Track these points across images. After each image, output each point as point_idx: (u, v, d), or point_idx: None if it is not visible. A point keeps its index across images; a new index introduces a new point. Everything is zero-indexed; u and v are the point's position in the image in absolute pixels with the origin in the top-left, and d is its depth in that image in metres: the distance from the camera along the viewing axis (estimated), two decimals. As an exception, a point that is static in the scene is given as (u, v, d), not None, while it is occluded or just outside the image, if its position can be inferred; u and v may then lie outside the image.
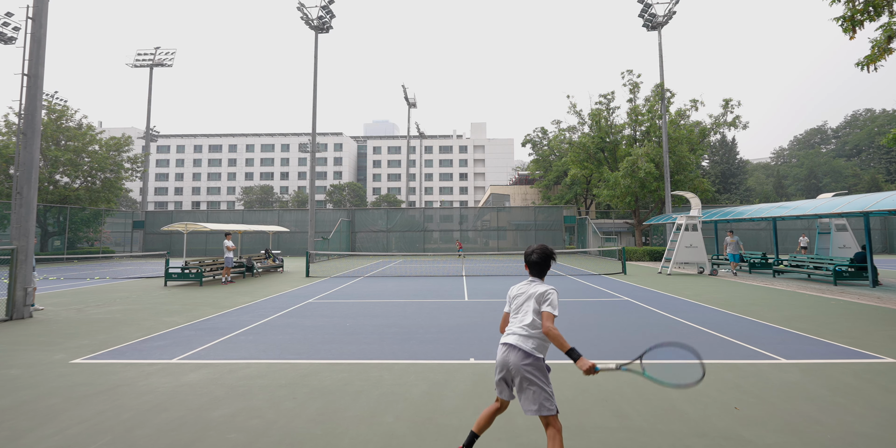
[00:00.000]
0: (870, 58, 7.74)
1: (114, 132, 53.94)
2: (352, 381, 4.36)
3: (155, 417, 3.52)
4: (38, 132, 8.50)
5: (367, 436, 3.18)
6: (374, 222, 33.80)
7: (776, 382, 4.22)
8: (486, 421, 2.73)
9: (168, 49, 34.35)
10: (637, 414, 3.51)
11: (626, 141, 27.49)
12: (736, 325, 6.85)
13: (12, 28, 23.44)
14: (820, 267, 13.21)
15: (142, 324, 7.38)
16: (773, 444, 3.00)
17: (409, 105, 42.98)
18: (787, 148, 78.17)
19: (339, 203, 60.22)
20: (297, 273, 17.19)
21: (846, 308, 8.41)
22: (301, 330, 6.81)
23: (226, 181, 76.18)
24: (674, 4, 22.36)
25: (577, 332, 6.47)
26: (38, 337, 6.47)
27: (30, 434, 3.24)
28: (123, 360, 5.23)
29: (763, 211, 15.06)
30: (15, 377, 4.58)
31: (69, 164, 26.58)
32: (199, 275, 13.19)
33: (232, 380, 4.44)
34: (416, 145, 73.80)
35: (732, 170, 51.48)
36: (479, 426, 2.74)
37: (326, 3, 23.89)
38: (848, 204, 11.07)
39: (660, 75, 23.87)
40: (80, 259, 26.96)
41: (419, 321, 7.42)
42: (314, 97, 24.26)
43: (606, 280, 13.88)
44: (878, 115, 63.73)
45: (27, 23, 8.73)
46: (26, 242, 8.07)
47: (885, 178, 50.95)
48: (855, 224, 22.27)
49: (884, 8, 7.46)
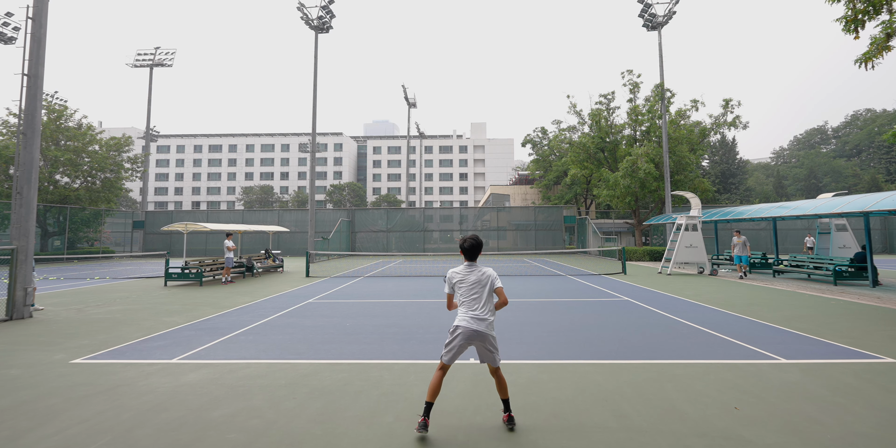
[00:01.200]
0: (867, 55, 7.74)
1: (114, 132, 53.98)
2: (352, 381, 4.36)
3: (155, 417, 3.52)
4: (37, 132, 8.50)
5: (367, 436, 3.18)
6: (374, 222, 33.80)
7: (776, 382, 4.22)
8: (438, 388, 3.24)
9: (168, 49, 34.36)
10: (637, 414, 3.51)
11: (626, 141, 27.49)
12: (736, 325, 6.85)
13: (12, 28, 23.43)
14: (820, 267, 13.21)
15: (142, 324, 7.38)
16: (773, 444, 3.00)
17: (409, 105, 42.97)
18: (787, 148, 78.19)
19: (339, 203, 60.22)
20: (297, 273, 17.19)
21: (846, 308, 8.41)
22: (301, 330, 6.81)
23: (226, 181, 76.16)
24: (674, 4, 22.36)
25: (577, 332, 6.47)
26: (38, 337, 6.46)
27: (30, 434, 3.24)
28: (123, 360, 5.23)
29: (763, 211, 15.06)
30: (15, 377, 4.58)
31: (69, 164, 26.58)
32: (199, 275, 13.19)
33: (232, 380, 4.44)
34: (416, 145, 73.80)
35: (732, 170, 51.48)
36: (435, 395, 3.22)
37: (326, 3, 23.89)
38: (848, 204, 11.07)
39: (660, 75, 23.87)
40: (80, 259, 26.96)
41: (419, 321, 7.41)
42: (314, 97, 24.26)
43: (606, 280, 13.88)
44: (879, 114, 63.73)
45: (27, 23, 8.73)
46: (26, 242, 8.07)
47: (885, 178, 50.96)
48: (855, 224, 22.28)
49: (882, 5, 7.46)
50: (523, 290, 11.46)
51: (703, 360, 4.98)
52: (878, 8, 7.47)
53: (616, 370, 4.64)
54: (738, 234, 14.43)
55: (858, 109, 71.13)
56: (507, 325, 7.02)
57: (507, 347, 5.61)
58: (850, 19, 7.68)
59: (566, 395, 3.92)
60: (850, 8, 7.71)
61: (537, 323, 7.16)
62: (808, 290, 11.15)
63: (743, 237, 14.36)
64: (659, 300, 9.55)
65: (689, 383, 4.20)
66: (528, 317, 7.70)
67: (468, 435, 3.19)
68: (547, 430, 3.25)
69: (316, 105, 24.44)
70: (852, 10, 7.68)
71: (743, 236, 14.43)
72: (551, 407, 3.67)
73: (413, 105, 43.22)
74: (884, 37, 7.53)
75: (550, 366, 4.84)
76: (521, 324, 7.09)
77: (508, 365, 4.87)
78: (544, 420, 3.41)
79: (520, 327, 6.82)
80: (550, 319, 7.47)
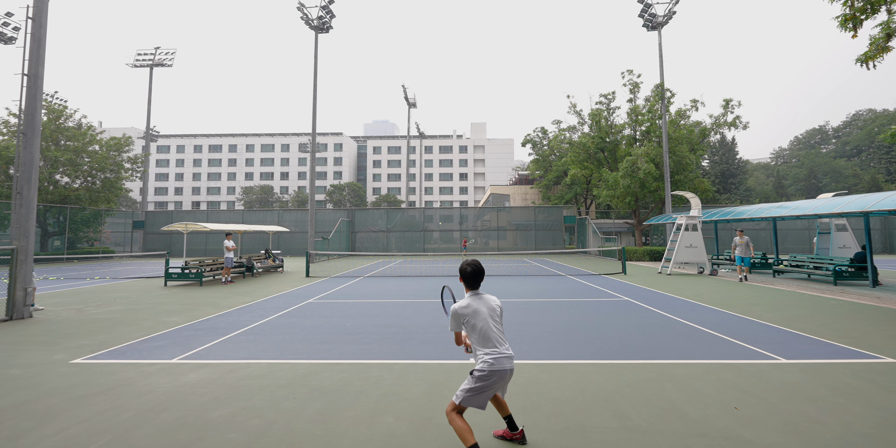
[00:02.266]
0: (867, 55, 7.74)
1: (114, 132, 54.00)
2: (352, 381, 4.36)
3: (155, 417, 3.52)
4: (38, 132, 8.50)
5: (367, 436, 3.18)
6: (374, 222, 33.80)
7: (776, 382, 4.22)
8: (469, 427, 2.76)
9: (168, 49, 34.35)
10: (637, 414, 3.51)
11: (626, 141, 27.49)
12: (736, 325, 6.85)
13: (12, 28, 23.41)
14: (820, 267, 13.20)
15: (142, 324, 7.38)
16: (773, 444, 3.00)
17: (409, 105, 42.97)
18: (788, 148, 78.15)
19: (339, 203, 60.22)
20: (297, 273, 17.18)
21: (846, 308, 8.40)
22: (301, 330, 6.81)
23: (226, 181, 76.14)
24: (674, 4, 22.35)
25: (577, 332, 6.47)
26: (38, 337, 6.46)
27: (30, 434, 3.24)
28: (123, 360, 5.23)
29: (763, 211, 15.05)
30: (15, 377, 4.58)
31: (69, 164, 26.58)
32: (199, 275, 13.19)
33: (232, 380, 4.44)
34: (416, 145, 73.77)
35: (732, 170, 51.47)
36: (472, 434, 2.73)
37: (326, 3, 23.88)
38: (848, 204, 11.07)
39: (660, 75, 23.86)
40: (80, 259, 26.95)
41: (419, 321, 7.41)
42: (314, 97, 24.26)
43: (606, 280, 13.88)
44: (879, 114, 63.71)
45: (27, 23, 8.72)
46: (26, 242, 8.07)
47: (885, 178, 50.94)
48: (855, 224, 22.27)
49: (881, 5, 7.46)
50: (523, 290, 11.46)
51: (703, 360, 4.97)
52: (877, 7, 7.47)
53: (616, 370, 4.64)
54: (741, 234, 13.78)
55: (859, 109, 71.14)
56: (507, 324, 7.00)
57: (507, 347, 5.62)
58: (848, 17, 7.68)
59: (566, 395, 3.91)
60: (849, 5, 7.71)
61: (537, 323, 7.16)
62: (808, 290, 11.15)
63: (746, 237, 13.66)
64: (659, 300, 9.55)
65: (689, 383, 4.20)
66: (528, 317, 7.70)
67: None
68: (547, 430, 3.25)
69: (316, 105, 24.44)
70: (850, 9, 7.68)
71: (746, 236, 13.72)
72: (551, 407, 3.67)
73: (413, 105, 43.21)
74: (883, 37, 7.54)
75: (550, 366, 4.83)
76: (521, 324, 7.09)
77: (508, 365, 4.87)
78: (544, 420, 3.41)
79: (520, 327, 6.82)
80: (550, 319, 7.47)
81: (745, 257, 13.51)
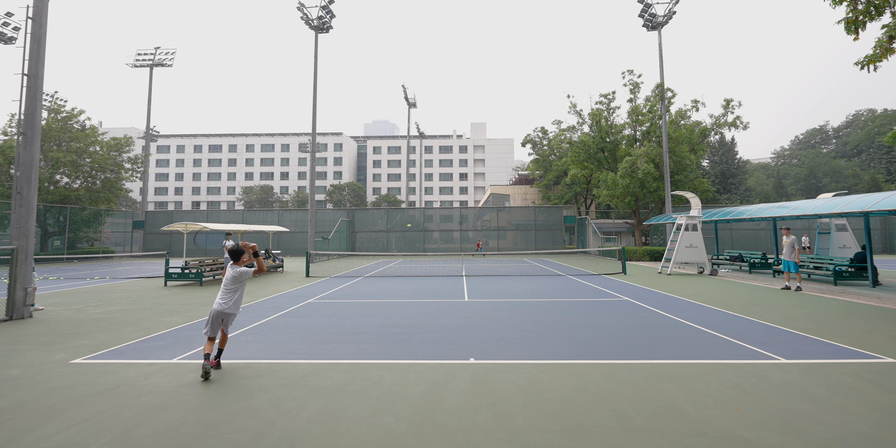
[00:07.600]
0: (871, 58, 7.72)
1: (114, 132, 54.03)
2: (352, 381, 4.36)
3: (155, 417, 3.52)
4: (38, 132, 8.50)
5: (367, 436, 3.18)
6: (374, 222, 33.80)
7: (776, 382, 4.22)
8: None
9: (168, 49, 34.34)
10: (637, 414, 3.51)
11: (627, 141, 27.49)
12: (736, 325, 6.85)
13: (12, 28, 23.41)
14: (820, 267, 13.20)
15: (142, 324, 7.38)
16: (773, 444, 3.00)
17: (409, 105, 42.96)
18: (788, 148, 78.14)
19: (339, 203, 60.21)
20: (297, 273, 17.18)
21: (846, 308, 8.41)
22: (301, 330, 6.81)
23: (226, 181, 76.13)
24: (674, 4, 22.35)
25: (577, 332, 6.47)
26: (38, 337, 6.46)
27: (30, 434, 3.24)
28: (123, 360, 5.23)
29: (763, 211, 15.05)
30: (15, 377, 4.58)
31: (70, 164, 26.59)
32: (199, 275, 13.19)
33: (232, 380, 4.44)
34: (416, 145, 73.75)
35: (732, 170, 51.46)
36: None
37: (326, 3, 23.88)
38: (848, 204, 11.06)
39: (660, 75, 23.87)
40: (80, 259, 26.96)
41: (419, 321, 7.41)
42: (314, 97, 24.26)
43: (606, 280, 13.88)
44: (879, 114, 63.69)
45: (27, 23, 8.72)
46: (26, 242, 8.07)
47: (885, 178, 50.93)
48: (855, 224, 22.26)
49: (885, 7, 7.44)
50: (523, 290, 11.46)
51: (703, 360, 4.97)
52: (881, 9, 7.45)
53: (616, 370, 4.64)
54: (787, 233, 11.26)
55: (859, 109, 71.09)
56: (507, 324, 7.02)
57: (507, 347, 5.62)
58: (851, 21, 7.66)
59: (566, 395, 3.91)
60: (852, 9, 7.70)
61: (537, 323, 7.16)
62: (808, 290, 11.14)
63: (792, 236, 11.14)
64: (659, 300, 9.55)
65: (689, 383, 4.20)
66: (527, 317, 7.70)
67: (468, 435, 3.19)
68: (547, 430, 3.25)
69: (316, 105, 24.44)
70: (853, 12, 7.67)
71: (793, 236, 11.20)
72: (551, 407, 3.67)
73: (413, 105, 43.20)
74: (887, 39, 7.51)
75: (550, 366, 4.83)
76: (521, 324, 7.09)
77: (508, 365, 4.88)
78: (544, 420, 3.41)
79: (520, 327, 6.82)
80: (550, 319, 7.46)
81: (791, 261, 11.04)
